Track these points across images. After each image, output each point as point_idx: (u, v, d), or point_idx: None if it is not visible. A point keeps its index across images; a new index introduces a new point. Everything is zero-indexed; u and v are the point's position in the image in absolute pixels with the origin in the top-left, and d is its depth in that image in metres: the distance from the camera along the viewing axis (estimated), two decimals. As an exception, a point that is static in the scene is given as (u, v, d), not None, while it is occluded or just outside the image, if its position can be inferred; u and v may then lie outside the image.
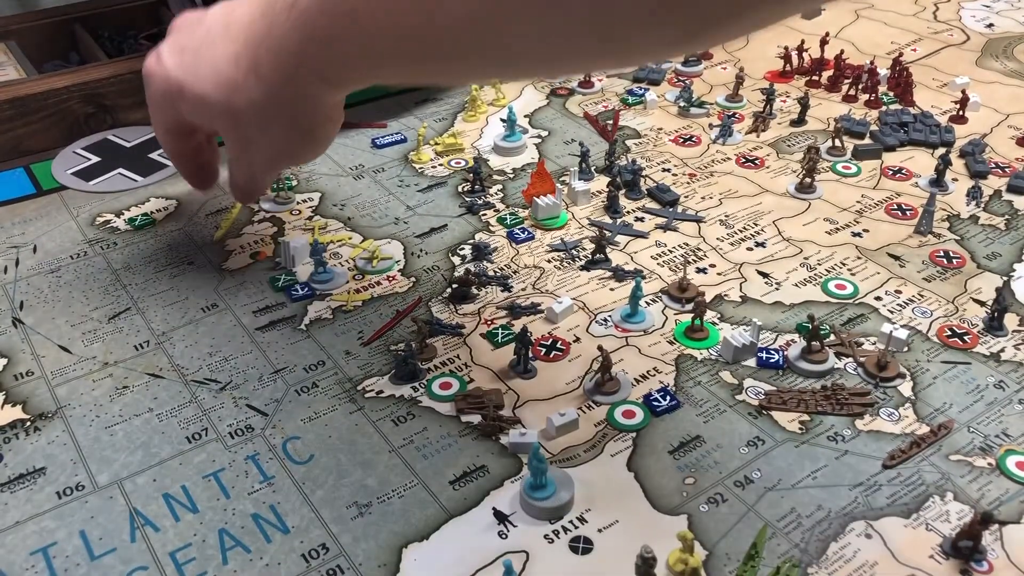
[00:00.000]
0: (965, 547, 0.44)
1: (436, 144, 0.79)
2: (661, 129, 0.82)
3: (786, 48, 0.92)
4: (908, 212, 0.70)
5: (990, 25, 1.02)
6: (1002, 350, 0.57)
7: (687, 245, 0.67)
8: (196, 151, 0.63)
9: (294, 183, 0.75)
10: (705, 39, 0.44)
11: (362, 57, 0.47)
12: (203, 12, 0.56)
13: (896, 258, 0.65)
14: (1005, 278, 0.63)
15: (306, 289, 0.62)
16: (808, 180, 0.72)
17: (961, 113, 0.83)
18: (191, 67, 0.54)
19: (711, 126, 0.83)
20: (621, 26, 0.38)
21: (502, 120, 0.80)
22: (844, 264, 0.64)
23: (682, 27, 0.38)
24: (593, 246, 0.65)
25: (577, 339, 0.58)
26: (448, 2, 0.40)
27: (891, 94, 0.88)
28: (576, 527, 0.46)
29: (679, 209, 0.71)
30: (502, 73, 0.60)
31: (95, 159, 0.78)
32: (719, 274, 0.64)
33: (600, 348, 0.54)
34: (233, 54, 0.51)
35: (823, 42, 0.91)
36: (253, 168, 0.59)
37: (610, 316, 0.60)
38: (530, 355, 0.55)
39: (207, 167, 0.64)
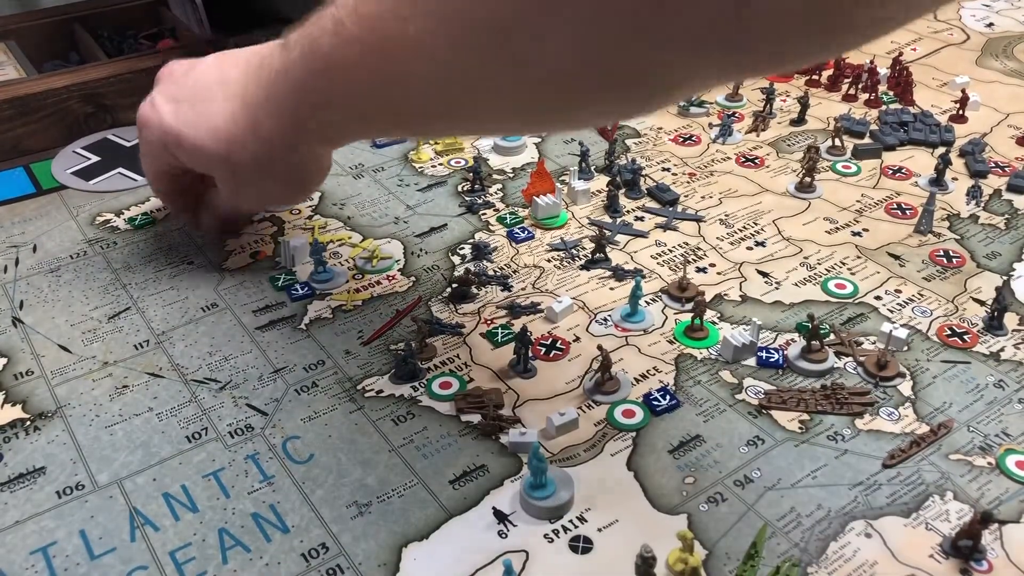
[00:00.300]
0: (965, 546, 0.44)
1: (436, 143, 0.79)
2: (661, 128, 0.82)
3: (786, 47, 0.92)
4: (908, 211, 0.70)
5: (990, 24, 1.02)
6: (1002, 349, 0.57)
7: (687, 244, 0.67)
8: (185, 191, 0.65)
9: (294, 182, 0.74)
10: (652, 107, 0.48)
11: (352, 120, 0.51)
12: (190, 64, 0.60)
13: (896, 257, 0.65)
14: (1005, 277, 0.63)
15: (306, 288, 0.62)
16: (808, 179, 0.72)
17: (961, 112, 0.83)
18: (188, 119, 0.56)
19: (711, 125, 0.83)
20: (582, 103, 0.43)
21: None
22: (844, 263, 0.64)
23: (628, 104, 0.43)
24: (593, 245, 0.65)
25: (577, 338, 0.58)
26: (415, 87, 0.44)
27: (891, 93, 0.88)
28: (576, 526, 0.46)
29: (679, 208, 0.71)
30: (483, 131, 0.70)
31: (95, 158, 0.78)
32: (719, 273, 0.64)
33: (600, 347, 0.54)
34: (231, 113, 0.54)
35: (823, 41, 0.91)
36: (235, 204, 0.64)
37: (610, 315, 0.60)
38: (530, 354, 0.55)
39: (196, 205, 0.67)
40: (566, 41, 0.38)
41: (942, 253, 0.65)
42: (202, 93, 0.57)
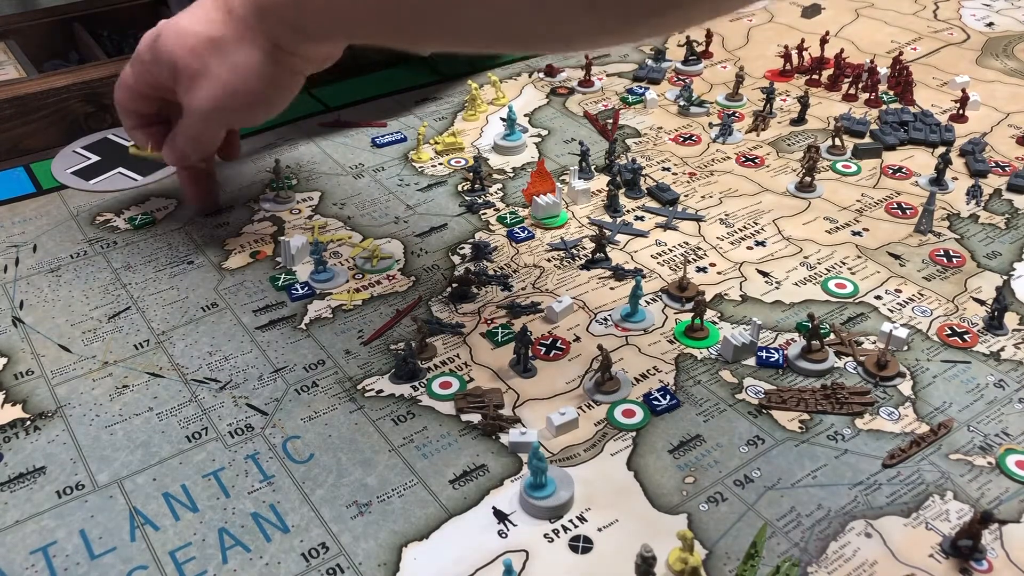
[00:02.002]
0: (965, 546, 0.44)
1: (436, 143, 0.79)
2: (661, 128, 0.82)
3: (786, 47, 0.92)
4: (908, 211, 0.70)
5: (990, 24, 1.02)
6: (1002, 349, 0.57)
7: (687, 244, 0.67)
8: (146, 119, 0.66)
9: (294, 182, 0.75)
10: (640, 30, 0.48)
11: (326, 11, 0.53)
12: None
13: (896, 257, 0.65)
14: (1005, 277, 0.63)
15: (306, 288, 0.62)
16: (808, 179, 0.72)
17: (961, 112, 0.83)
18: (177, 16, 0.60)
19: (711, 125, 0.83)
20: (560, 13, 0.43)
21: (502, 119, 0.80)
22: (844, 263, 0.64)
23: (618, 17, 0.42)
24: (593, 245, 0.65)
25: (577, 338, 0.58)
26: None
27: (891, 93, 0.87)
28: (576, 526, 0.46)
29: (679, 208, 0.71)
30: (458, 45, 0.67)
31: (95, 158, 0.78)
32: (719, 273, 0.64)
33: (600, 347, 0.54)
34: (209, 4, 0.58)
35: (823, 41, 0.91)
36: (193, 115, 0.61)
37: (610, 315, 0.60)
38: (530, 354, 0.55)
39: (151, 128, 0.67)
40: None
41: (942, 253, 0.65)
42: (199, 2, 0.60)
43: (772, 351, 0.56)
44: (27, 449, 0.51)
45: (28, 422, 0.53)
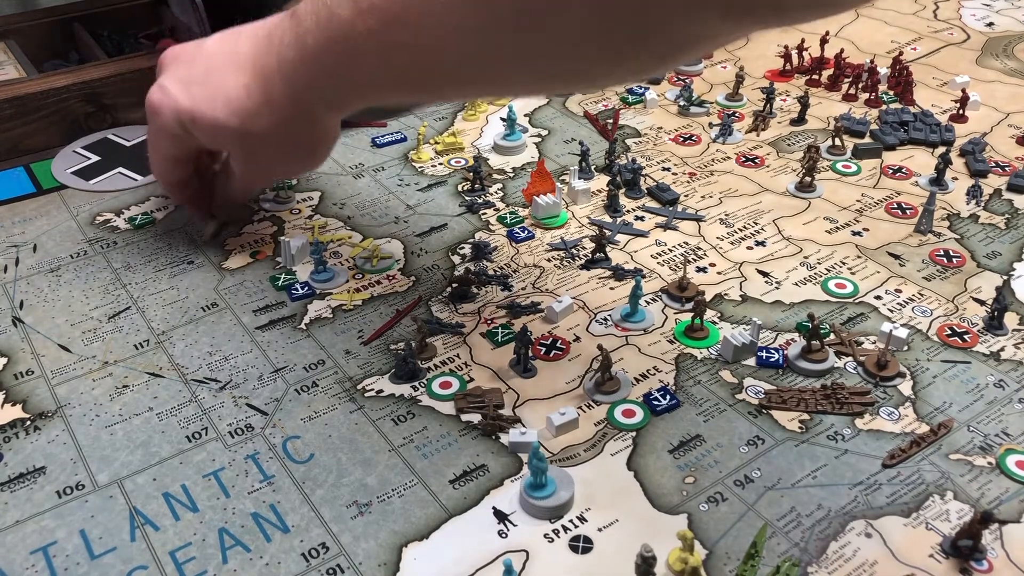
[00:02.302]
0: (965, 546, 0.44)
1: (436, 143, 0.79)
2: (661, 128, 0.82)
3: (786, 47, 0.92)
4: (908, 211, 0.70)
5: (990, 24, 1.02)
6: (1002, 349, 0.57)
7: (687, 244, 0.67)
8: (190, 182, 0.66)
9: (294, 182, 0.74)
10: (670, 64, 0.50)
11: (366, 85, 0.52)
12: (195, 45, 0.61)
13: (896, 257, 0.65)
14: (1005, 277, 0.63)
15: (306, 288, 0.62)
16: (808, 179, 0.72)
17: (961, 112, 0.83)
18: (202, 96, 0.57)
19: (711, 125, 0.83)
20: (593, 64, 0.44)
21: (502, 119, 0.80)
22: (844, 263, 0.64)
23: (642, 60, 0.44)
24: (593, 245, 0.65)
25: (577, 338, 0.58)
26: (437, 44, 0.45)
27: (891, 93, 0.87)
28: (576, 526, 0.46)
29: (679, 208, 0.71)
30: (495, 94, 0.70)
31: (95, 158, 0.78)
32: (719, 273, 0.64)
33: (600, 347, 0.54)
34: (243, 85, 0.56)
35: (823, 41, 0.91)
36: (250, 178, 0.65)
37: (610, 315, 0.60)
38: (530, 354, 0.55)
39: (201, 194, 0.67)
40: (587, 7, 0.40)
41: (942, 253, 0.65)
42: (213, 70, 0.57)
43: (772, 351, 0.56)
44: (27, 449, 0.51)
45: (28, 422, 0.53)
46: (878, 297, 0.61)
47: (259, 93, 0.55)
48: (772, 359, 0.56)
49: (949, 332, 0.58)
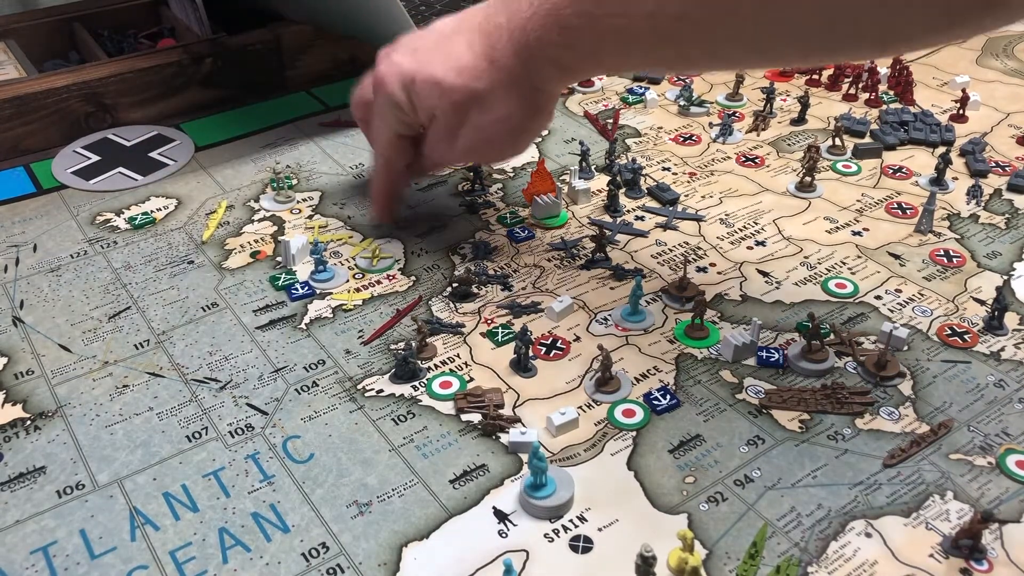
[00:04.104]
0: (965, 546, 0.44)
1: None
2: (661, 128, 0.82)
3: (786, 47, 0.92)
4: (908, 211, 0.70)
5: (990, 24, 1.02)
6: (1002, 349, 0.57)
7: (687, 244, 0.67)
8: (405, 173, 0.65)
9: (294, 182, 0.75)
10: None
11: (597, 45, 0.51)
12: (426, 27, 0.60)
13: (896, 257, 0.65)
14: (1005, 277, 0.63)
15: (306, 288, 0.62)
16: (808, 179, 0.72)
17: (961, 112, 0.83)
18: (426, 59, 0.57)
19: (711, 125, 0.83)
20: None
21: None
22: (844, 263, 0.64)
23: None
24: (593, 245, 0.65)
25: (577, 338, 0.58)
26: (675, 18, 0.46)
27: (891, 93, 0.87)
28: (576, 526, 0.46)
29: (679, 208, 0.71)
30: (759, 63, 0.68)
31: (95, 158, 0.78)
32: (719, 273, 0.64)
33: (600, 347, 0.54)
34: (467, 42, 0.55)
35: (823, 41, 0.91)
36: (449, 153, 0.61)
37: (610, 315, 0.60)
38: (530, 354, 0.55)
39: (401, 194, 0.68)
40: None
41: (942, 253, 0.65)
42: (443, 35, 0.57)
43: (772, 351, 0.56)
44: (27, 449, 0.51)
45: (28, 422, 0.53)
46: (878, 297, 0.61)
47: (483, 48, 0.54)
48: (772, 359, 0.56)
49: (949, 332, 0.58)
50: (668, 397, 0.53)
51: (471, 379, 0.55)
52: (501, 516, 0.47)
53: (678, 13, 0.47)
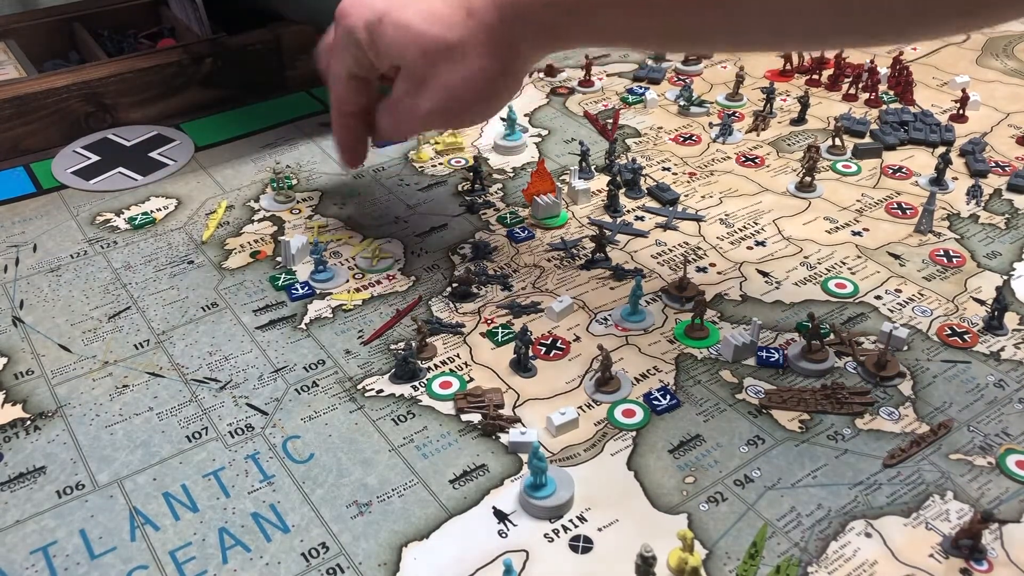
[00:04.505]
0: (965, 546, 0.44)
1: (436, 143, 0.79)
2: (661, 128, 0.82)
3: (786, 47, 0.92)
4: (908, 211, 0.70)
5: (990, 24, 1.02)
6: (1002, 349, 0.57)
7: (687, 244, 0.67)
8: (362, 113, 0.61)
9: (294, 182, 0.75)
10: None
11: (575, 14, 0.49)
12: None
13: (896, 257, 0.65)
14: (1005, 277, 0.63)
15: (306, 288, 0.62)
16: (808, 179, 0.72)
17: (961, 112, 0.83)
18: (404, 5, 0.54)
19: (711, 125, 0.83)
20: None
21: (502, 119, 0.80)
22: (844, 263, 0.64)
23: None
24: (593, 245, 0.65)
25: (577, 338, 0.58)
26: None
27: (891, 93, 0.87)
28: (576, 526, 0.46)
29: (679, 208, 0.71)
30: (737, 44, 0.64)
31: (95, 158, 0.78)
32: (719, 273, 0.64)
33: (600, 347, 0.54)
34: None
35: (823, 41, 0.91)
36: (413, 112, 0.58)
37: (610, 315, 0.60)
38: (530, 354, 0.55)
39: (363, 138, 0.63)
40: None
41: (942, 253, 0.65)
42: None
43: (772, 351, 0.56)
44: (27, 449, 0.51)
45: (28, 422, 0.53)
46: (878, 297, 0.61)
47: (456, 8, 0.52)
48: (772, 359, 0.56)
49: (949, 332, 0.58)
50: (668, 397, 0.53)
51: (471, 379, 0.55)
52: (501, 516, 0.47)
53: None
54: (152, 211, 0.71)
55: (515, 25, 0.52)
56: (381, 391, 0.54)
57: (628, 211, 0.71)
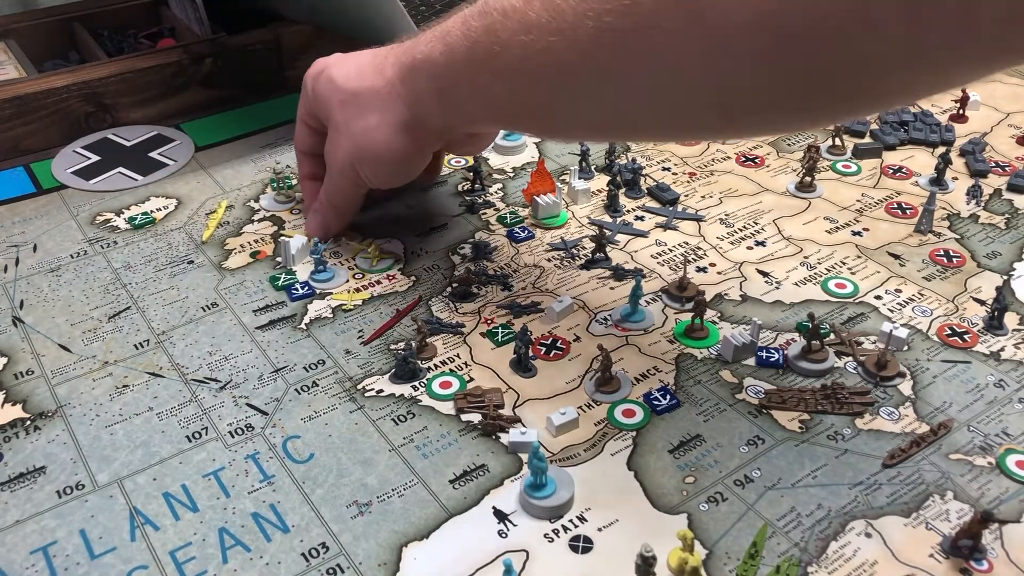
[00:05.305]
0: (965, 546, 0.44)
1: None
2: (661, 128, 0.82)
3: (786, 47, 0.92)
4: (908, 211, 0.70)
5: (990, 24, 1.02)
6: (1002, 349, 0.57)
7: (687, 244, 0.67)
8: (318, 156, 0.66)
9: (294, 182, 0.74)
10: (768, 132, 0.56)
11: (463, 88, 0.55)
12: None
13: (896, 257, 0.65)
14: (1005, 277, 0.63)
15: (306, 288, 0.62)
16: (808, 179, 0.72)
17: (961, 112, 0.83)
18: (339, 59, 0.62)
19: (711, 125, 0.82)
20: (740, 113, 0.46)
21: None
22: (844, 263, 0.64)
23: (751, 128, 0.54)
24: (593, 245, 0.65)
25: (577, 338, 0.58)
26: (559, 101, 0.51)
27: (891, 93, 0.87)
28: (576, 526, 0.46)
29: (679, 208, 0.71)
30: (597, 138, 0.75)
31: (95, 158, 0.78)
32: (719, 273, 0.64)
33: (600, 347, 0.54)
34: (373, 54, 0.61)
35: (823, 41, 0.90)
36: (330, 166, 0.63)
37: (610, 315, 0.60)
38: (530, 354, 0.55)
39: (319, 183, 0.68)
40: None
41: (942, 253, 0.65)
42: (365, 51, 0.62)
43: (772, 351, 0.56)
44: (27, 449, 0.51)
45: (28, 422, 0.53)
46: (878, 297, 0.61)
47: (378, 59, 0.60)
48: (772, 359, 0.56)
49: (949, 332, 0.58)
50: (668, 397, 0.53)
51: (471, 379, 0.55)
52: (501, 516, 0.47)
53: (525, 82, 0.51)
54: (152, 211, 0.71)
55: (413, 87, 0.57)
56: (381, 391, 0.54)
57: (628, 211, 0.71)
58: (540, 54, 0.47)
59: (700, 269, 0.64)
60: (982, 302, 0.60)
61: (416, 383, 0.55)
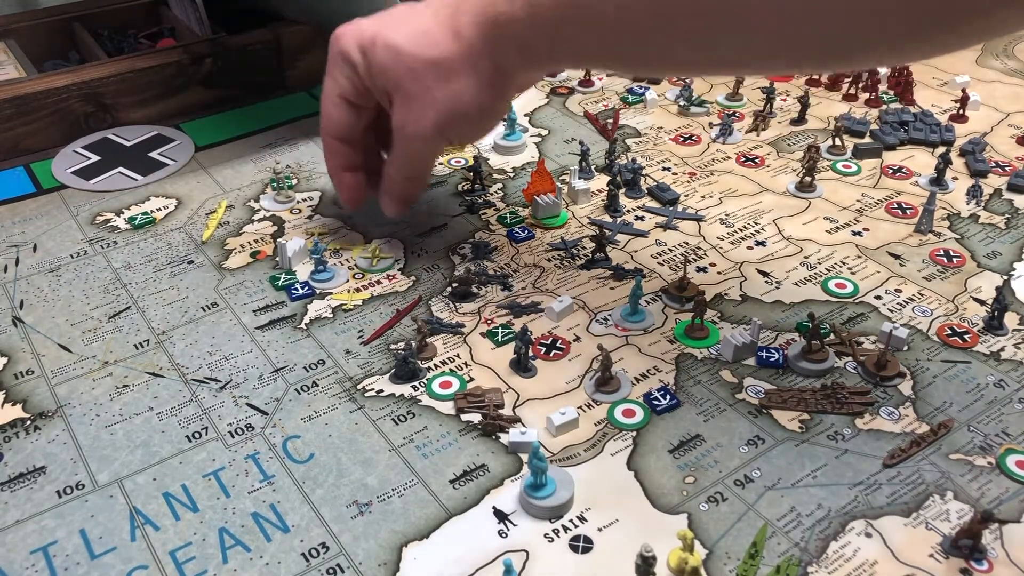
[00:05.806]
0: (965, 546, 0.44)
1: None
2: (661, 128, 0.82)
3: (786, 47, 0.92)
4: (908, 211, 0.70)
5: (990, 24, 1.02)
6: (1002, 349, 0.57)
7: (687, 244, 0.67)
8: (356, 140, 0.62)
9: (294, 182, 0.75)
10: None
11: (561, 27, 0.51)
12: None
13: (896, 257, 0.65)
14: (1005, 277, 0.63)
15: (306, 288, 0.62)
16: (808, 179, 0.72)
17: (961, 112, 0.83)
18: (389, 23, 0.56)
19: (711, 125, 0.83)
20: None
21: (502, 119, 0.80)
22: (844, 263, 0.64)
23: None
24: (593, 245, 0.65)
25: (577, 338, 0.58)
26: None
27: (891, 93, 0.87)
28: (576, 526, 0.46)
29: (679, 208, 0.71)
30: (704, 69, 0.68)
31: (95, 158, 0.78)
32: (719, 273, 0.64)
33: (600, 347, 0.54)
34: (433, 13, 0.55)
35: (823, 41, 0.90)
36: (416, 138, 0.59)
37: (610, 315, 0.60)
38: (530, 354, 0.55)
39: (358, 172, 0.64)
40: None
41: (942, 252, 0.65)
42: (411, 8, 0.57)
43: (772, 351, 0.56)
44: (27, 449, 0.51)
45: (28, 422, 0.53)
46: (878, 297, 0.61)
47: (448, 19, 0.54)
48: (772, 359, 0.56)
49: (949, 332, 0.58)
50: (668, 397, 0.53)
51: (471, 379, 0.55)
52: (501, 516, 0.47)
53: (651, 10, 0.47)
54: (152, 211, 0.71)
55: (497, 45, 0.54)
56: (381, 391, 0.54)
57: (628, 211, 0.71)
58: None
59: (700, 269, 0.64)
60: (982, 302, 0.60)
61: (416, 383, 0.55)
